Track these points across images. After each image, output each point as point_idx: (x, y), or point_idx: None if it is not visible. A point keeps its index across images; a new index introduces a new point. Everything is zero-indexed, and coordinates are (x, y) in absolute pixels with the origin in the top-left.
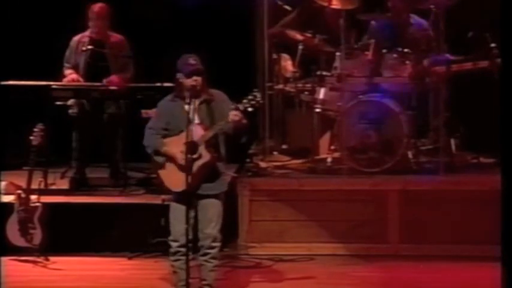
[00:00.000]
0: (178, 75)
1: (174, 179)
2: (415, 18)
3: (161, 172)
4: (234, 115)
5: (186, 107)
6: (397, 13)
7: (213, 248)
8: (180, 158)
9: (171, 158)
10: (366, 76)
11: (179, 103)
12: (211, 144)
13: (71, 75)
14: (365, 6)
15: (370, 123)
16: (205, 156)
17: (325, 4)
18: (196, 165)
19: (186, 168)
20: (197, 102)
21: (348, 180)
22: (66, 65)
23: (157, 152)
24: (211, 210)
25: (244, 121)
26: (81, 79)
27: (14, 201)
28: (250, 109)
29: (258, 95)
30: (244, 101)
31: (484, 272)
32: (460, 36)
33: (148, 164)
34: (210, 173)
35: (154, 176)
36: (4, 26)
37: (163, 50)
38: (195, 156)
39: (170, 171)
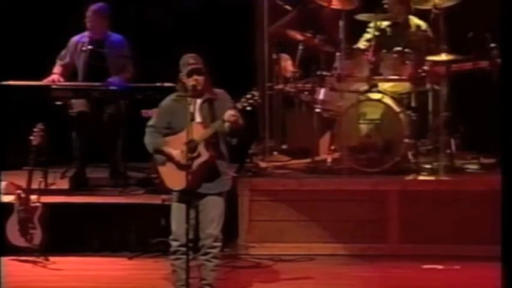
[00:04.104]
0: (181, 75)
1: (174, 177)
2: (412, 20)
3: (161, 171)
4: (229, 115)
5: (189, 106)
6: (397, 13)
7: (214, 247)
8: (179, 156)
9: (170, 157)
10: (366, 76)
11: (183, 102)
12: (211, 143)
13: (52, 76)
14: (365, 6)
15: (370, 123)
16: (204, 154)
17: (325, 4)
18: (195, 163)
19: (185, 167)
20: (200, 101)
21: (348, 180)
22: (58, 61)
23: (158, 151)
24: (213, 211)
25: (241, 121)
26: (61, 79)
27: (14, 201)
28: (248, 108)
29: (256, 93)
30: (242, 99)
31: (484, 272)
32: (460, 36)
33: (148, 164)
34: (210, 172)
35: (154, 176)
36: (4, 26)
37: (163, 50)
38: (194, 154)
39: (170, 170)
